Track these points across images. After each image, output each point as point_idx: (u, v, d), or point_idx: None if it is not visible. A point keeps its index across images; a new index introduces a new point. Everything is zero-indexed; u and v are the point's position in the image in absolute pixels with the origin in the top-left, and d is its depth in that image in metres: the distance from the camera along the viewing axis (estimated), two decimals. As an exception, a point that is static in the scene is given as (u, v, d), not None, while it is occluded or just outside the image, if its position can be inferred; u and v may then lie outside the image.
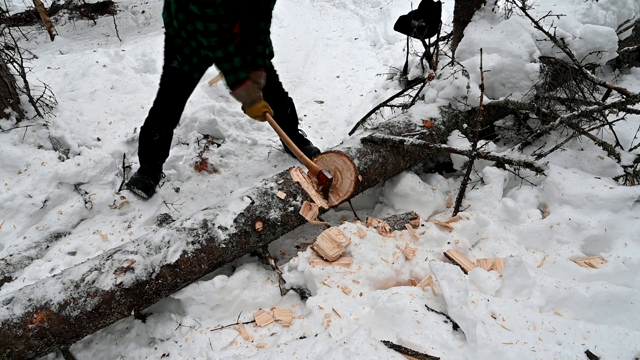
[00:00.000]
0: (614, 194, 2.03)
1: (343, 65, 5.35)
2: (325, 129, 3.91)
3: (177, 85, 2.57)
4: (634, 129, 2.40)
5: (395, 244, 2.03)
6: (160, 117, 2.68)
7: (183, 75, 2.49)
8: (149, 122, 2.72)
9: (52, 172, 2.65)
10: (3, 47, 2.90)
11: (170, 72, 2.52)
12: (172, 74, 2.52)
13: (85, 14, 7.24)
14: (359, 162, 2.25)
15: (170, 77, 2.55)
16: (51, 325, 1.64)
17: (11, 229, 2.47)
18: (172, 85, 2.57)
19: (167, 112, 2.67)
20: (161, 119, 2.69)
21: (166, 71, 2.54)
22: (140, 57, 4.43)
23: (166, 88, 2.60)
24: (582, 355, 1.46)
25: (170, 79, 2.55)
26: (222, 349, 1.78)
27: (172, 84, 2.57)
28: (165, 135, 2.77)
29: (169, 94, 2.61)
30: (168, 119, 2.71)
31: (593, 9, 2.89)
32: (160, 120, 2.70)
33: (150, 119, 2.71)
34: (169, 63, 2.49)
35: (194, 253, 1.88)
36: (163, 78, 2.59)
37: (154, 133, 2.71)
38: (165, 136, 2.77)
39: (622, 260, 1.83)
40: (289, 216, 2.10)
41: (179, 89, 2.59)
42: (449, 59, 2.79)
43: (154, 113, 2.68)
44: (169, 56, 2.47)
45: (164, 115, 2.68)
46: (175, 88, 2.58)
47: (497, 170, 2.35)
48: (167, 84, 2.59)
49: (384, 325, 1.62)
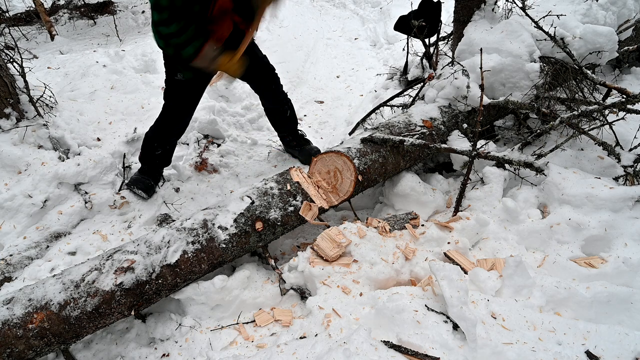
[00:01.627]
0: (614, 194, 2.03)
1: (343, 65, 5.35)
2: (325, 129, 3.91)
3: (184, 98, 2.49)
4: (634, 129, 2.40)
5: (395, 244, 2.03)
6: (165, 132, 2.63)
7: (188, 86, 2.41)
8: (152, 135, 2.65)
9: (52, 172, 2.65)
10: (3, 47, 2.90)
11: (175, 86, 2.43)
12: (177, 87, 2.42)
13: (85, 14, 7.24)
14: (359, 162, 2.25)
15: (176, 91, 2.45)
16: (51, 325, 1.64)
17: (11, 229, 2.47)
18: (179, 99, 2.49)
19: (172, 126, 2.62)
20: (166, 133, 2.64)
21: (170, 85, 2.44)
22: (140, 57, 4.42)
23: (172, 103, 2.51)
24: (582, 355, 1.46)
25: (176, 92, 2.46)
26: (222, 349, 1.78)
27: (178, 98, 2.48)
28: (168, 148, 2.75)
29: (176, 108, 2.53)
30: (173, 133, 2.67)
31: (593, 9, 2.89)
32: (165, 135, 2.65)
33: (155, 134, 2.64)
34: (173, 76, 2.39)
35: (194, 253, 1.88)
36: (168, 93, 2.48)
37: (156, 147, 2.68)
38: (167, 149, 2.75)
39: (622, 260, 1.84)
40: (289, 216, 2.10)
41: (186, 102, 2.52)
42: (449, 59, 2.79)
43: (158, 127, 2.61)
44: (171, 69, 2.38)
45: (169, 130, 2.63)
46: (182, 101, 2.50)
47: (497, 170, 2.35)
48: (172, 99, 2.49)
49: (384, 325, 1.62)
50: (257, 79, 2.74)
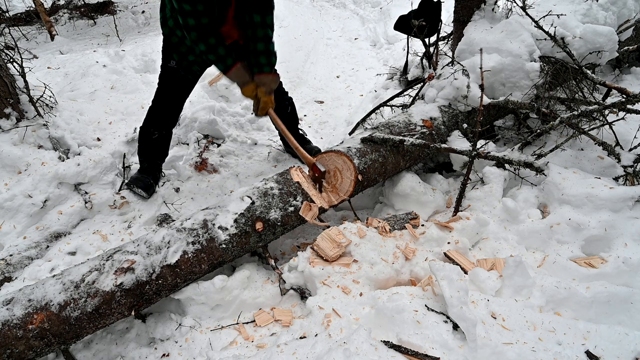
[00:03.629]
0: (614, 194, 2.03)
1: (343, 65, 5.35)
2: (325, 129, 3.91)
3: (175, 85, 2.58)
4: (634, 129, 2.40)
5: (395, 244, 2.03)
6: (158, 116, 2.69)
7: (180, 75, 2.51)
8: (147, 121, 2.72)
9: (52, 172, 2.65)
10: (3, 47, 2.89)
11: (167, 72, 2.54)
12: (170, 74, 2.54)
13: (85, 14, 7.24)
14: (359, 161, 2.25)
15: (168, 77, 2.56)
16: (51, 325, 1.64)
17: (11, 229, 2.47)
18: (170, 84, 2.58)
19: (165, 111, 2.68)
20: (159, 118, 2.69)
21: (164, 70, 2.56)
22: (140, 57, 4.43)
23: (164, 87, 2.61)
24: (582, 355, 1.46)
25: (168, 78, 2.57)
26: (222, 349, 1.78)
27: (169, 84, 2.58)
28: (165, 134, 2.78)
29: (167, 93, 2.62)
30: (166, 119, 2.71)
31: (593, 9, 2.89)
32: (159, 120, 2.70)
33: (149, 118, 2.71)
34: (167, 63, 2.50)
35: (194, 253, 1.88)
36: (161, 77, 2.60)
37: (152, 132, 2.72)
38: (164, 135, 2.77)
39: (622, 260, 1.83)
40: (289, 216, 2.10)
41: (177, 89, 2.60)
42: (449, 59, 2.79)
43: (152, 112, 2.69)
44: (167, 56, 2.49)
45: (162, 115, 2.69)
46: (173, 88, 2.59)
47: (497, 170, 2.35)
48: (165, 84, 2.60)
49: (384, 325, 1.62)
50: None
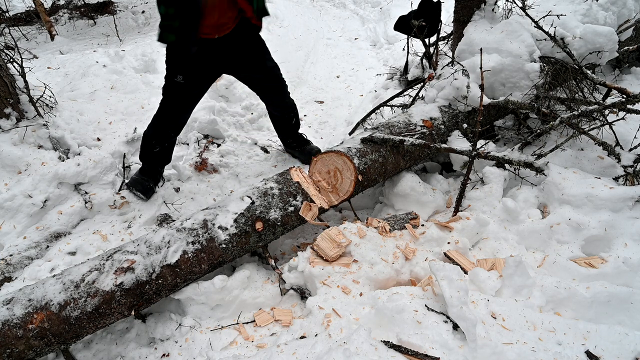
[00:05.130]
0: (614, 194, 2.03)
1: (343, 65, 5.35)
2: (325, 129, 3.91)
3: (181, 98, 2.52)
4: (634, 129, 2.40)
5: (395, 244, 2.03)
6: (162, 128, 2.64)
7: (186, 89, 2.45)
8: (151, 132, 2.67)
9: (52, 172, 2.65)
10: (3, 47, 2.89)
11: (173, 86, 2.46)
12: (175, 88, 2.46)
13: (85, 14, 7.24)
14: (359, 161, 2.25)
15: (174, 92, 2.49)
16: (51, 325, 1.64)
17: (11, 229, 2.47)
18: (176, 98, 2.52)
19: (169, 123, 2.63)
20: (163, 130, 2.65)
21: (168, 84, 2.48)
22: (140, 57, 4.42)
23: (169, 101, 2.54)
24: (582, 355, 1.46)
25: (174, 92, 2.49)
26: (222, 349, 1.78)
27: (175, 98, 2.52)
28: (167, 145, 2.75)
29: (172, 106, 2.56)
30: (170, 130, 2.68)
31: (593, 9, 2.89)
32: (162, 131, 2.66)
33: (153, 130, 2.66)
34: (173, 77, 2.42)
35: (194, 253, 1.88)
36: (166, 91, 2.52)
37: (154, 145, 2.68)
38: (166, 146, 2.75)
39: (622, 260, 1.84)
40: (289, 216, 2.10)
41: (183, 102, 2.55)
42: (449, 59, 2.79)
43: (155, 123, 2.63)
44: (172, 69, 2.41)
45: (166, 127, 2.65)
46: (179, 101, 2.54)
47: (497, 170, 2.35)
48: (170, 97, 2.53)
49: (384, 325, 1.62)
50: (264, 90, 2.77)
